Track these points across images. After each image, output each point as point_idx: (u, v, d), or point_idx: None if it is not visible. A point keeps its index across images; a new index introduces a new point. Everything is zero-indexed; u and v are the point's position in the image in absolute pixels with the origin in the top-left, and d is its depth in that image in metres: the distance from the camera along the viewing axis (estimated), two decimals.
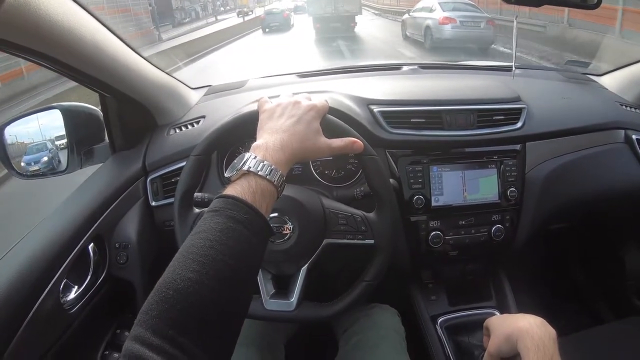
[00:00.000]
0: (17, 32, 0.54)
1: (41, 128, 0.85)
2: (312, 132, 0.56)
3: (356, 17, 12.02)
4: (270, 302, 0.69)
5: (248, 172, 0.47)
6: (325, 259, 0.69)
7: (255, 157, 0.48)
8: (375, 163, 0.65)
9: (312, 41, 11.29)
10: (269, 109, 0.57)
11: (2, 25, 0.51)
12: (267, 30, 14.48)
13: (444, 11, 7.25)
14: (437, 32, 7.03)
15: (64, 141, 0.84)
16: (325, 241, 0.68)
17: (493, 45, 7.17)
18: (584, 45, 6.36)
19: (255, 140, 0.53)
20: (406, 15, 9.27)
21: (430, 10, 7.63)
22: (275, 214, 0.66)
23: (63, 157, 0.85)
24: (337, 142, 0.59)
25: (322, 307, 0.69)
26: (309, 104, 0.58)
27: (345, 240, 0.68)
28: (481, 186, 0.86)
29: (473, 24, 6.94)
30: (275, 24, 14.37)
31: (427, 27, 7.48)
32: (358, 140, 0.61)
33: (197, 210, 0.67)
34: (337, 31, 11.30)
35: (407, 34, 9.11)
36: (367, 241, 0.67)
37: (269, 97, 0.61)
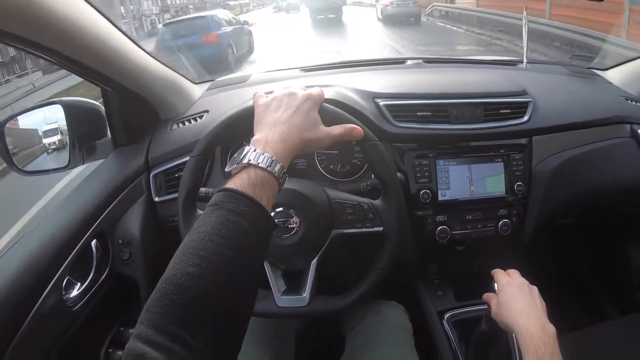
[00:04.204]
0: (21, 24, 0.54)
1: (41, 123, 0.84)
2: (310, 122, 0.54)
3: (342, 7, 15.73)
4: (283, 298, 0.68)
5: (248, 164, 0.46)
6: (335, 250, 0.68)
7: (255, 149, 0.47)
8: (378, 149, 0.63)
9: (309, 23, 15.75)
10: (264, 103, 0.56)
11: (6, 17, 0.50)
12: (287, 12, 24.48)
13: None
14: (385, 11, 12.75)
15: (60, 137, 0.83)
16: (333, 232, 0.67)
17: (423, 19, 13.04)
18: None
19: (254, 135, 0.52)
20: (376, 4, 15.15)
21: None
22: (281, 209, 0.65)
23: (65, 152, 0.84)
24: (337, 129, 0.57)
25: (335, 300, 0.68)
26: (305, 93, 0.57)
27: (353, 230, 0.67)
28: (488, 180, 0.85)
29: (404, 5, 12.25)
30: (293, 10, 24.05)
31: (381, 10, 13.28)
32: (357, 127, 0.59)
33: (200, 212, 0.66)
34: (329, 19, 14.77)
35: (378, 15, 14.73)
36: (375, 229, 0.66)
37: (265, 93, 0.60)
